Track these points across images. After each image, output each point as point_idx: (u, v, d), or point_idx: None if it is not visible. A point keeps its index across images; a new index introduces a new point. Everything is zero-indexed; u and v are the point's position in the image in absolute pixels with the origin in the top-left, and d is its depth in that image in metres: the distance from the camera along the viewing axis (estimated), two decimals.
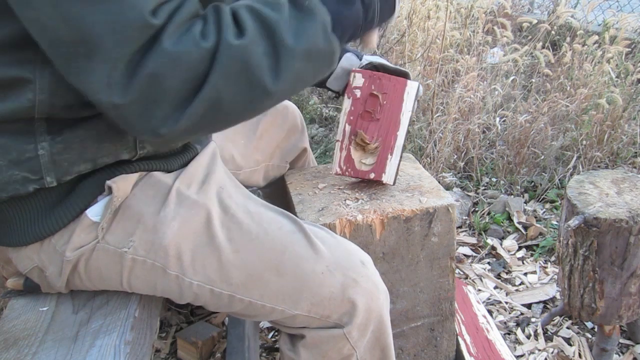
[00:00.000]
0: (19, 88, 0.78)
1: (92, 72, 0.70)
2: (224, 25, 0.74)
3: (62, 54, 0.71)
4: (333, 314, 0.95)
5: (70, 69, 0.72)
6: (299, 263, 0.93)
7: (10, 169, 0.82)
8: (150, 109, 0.72)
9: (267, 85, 0.76)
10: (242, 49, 0.73)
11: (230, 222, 0.93)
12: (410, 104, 1.26)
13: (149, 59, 0.70)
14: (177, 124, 0.74)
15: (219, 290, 0.93)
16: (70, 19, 0.68)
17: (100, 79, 0.70)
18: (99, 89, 0.70)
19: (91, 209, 0.89)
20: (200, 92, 0.73)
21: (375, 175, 1.27)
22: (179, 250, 0.90)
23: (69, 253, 0.89)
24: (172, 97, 0.72)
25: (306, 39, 0.77)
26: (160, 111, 0.73)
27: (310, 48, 0.78)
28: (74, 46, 0.69)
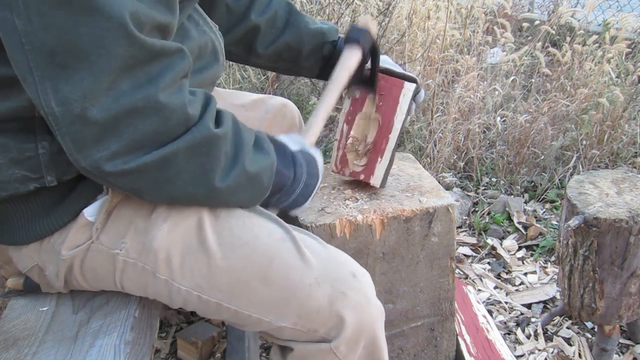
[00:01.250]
0: (19, 87, 0.77)
1: (65, 81, 0.69)
2: (208, 109, 0.81)
3: (31, 61, 0.69)
4: (320, 327, 0.92)
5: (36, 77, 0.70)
6: (287, 272, 0.91)
7: (10, 167, 0.82)
8: (112, 138, 0.72)
9: (215, 179, 0.82)
10: (215, 137, 0.80)
11: (221, 226, 0.92)
12: (406, 107, 1.23)
13: (140, 94, 0.72)
14: (124, 165, 0.74)
15: (206, 297, 0.91)
16: (51, 27, 0.67)
17: (78, 88, 0.69)
18: (73, 98, 0.69)
19: (88, 208, 0.89)
20: (162, 148, 0.76)
21: (364, 177, 1.28)
22: (169, 254, 0.89)
23: (64, 252, 0.89)
24: (136, 139, 0.73)
25: (258, 167, 0.87)
26: (117, 146, 0.73)
27: (257, 175, 0.88)
28: (51, 55, 0.68)
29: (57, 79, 0.69)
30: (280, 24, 1.25)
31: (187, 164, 0.78)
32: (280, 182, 0.94)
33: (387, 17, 2.94)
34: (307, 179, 0.98)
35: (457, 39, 2.84)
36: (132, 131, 0.73)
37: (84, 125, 0.71)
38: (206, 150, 0.80)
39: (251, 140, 0.88)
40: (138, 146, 0.74)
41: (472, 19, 2.92)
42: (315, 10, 3.10)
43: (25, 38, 0.68)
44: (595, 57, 2.53)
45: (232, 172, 0.84)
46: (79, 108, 0.70)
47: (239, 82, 2.83)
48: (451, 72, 2.80)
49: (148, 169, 0.76)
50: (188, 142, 0.77)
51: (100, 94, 0.70)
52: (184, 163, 0.78)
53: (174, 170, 0.78)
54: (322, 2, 3.11)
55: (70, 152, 0.74)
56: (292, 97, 2.86)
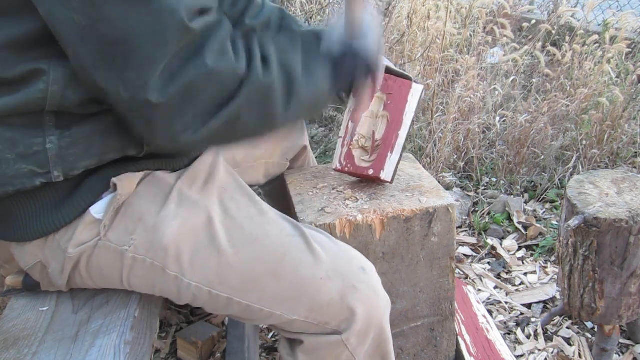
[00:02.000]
0: (33, 79, 0.79)
1: (127, 70, 0.74)
2: (254, 57, 0.84)
3: (93, 53, 0.74)
4: (331, 320, 0.95)
5: (100, 68, 0.75)
6: (298, 268, 0.93)
7: (17, 162, 0.82)
8: (178, 115, 0.78)
9: (277, 119, 0.87)
10: (267, 85, 0.84)
11: (231, 223, 0.93)
12: (414, 106, 1.27)
13: (190, 68, 0.76)
14: (196, 134, 0.80)
15: (216, 292, 0.93)
16: (108, 19, 0.71)
17: (138, 76, 0.74)
18: (135, 85, 0.74)
19: (95, 206, 0.89)
20: (223, 110, 0.80)
21: (374, 171, 1.27)
22: (179, 251, 0.90)
23: (72, 249, 0.89)
24: (199, 108, 0.79)
25: (311, 92, 0.90)
26: (185, 119, 0.79)
27: (311, 100, 0.91)
28: (110, 46, 0.73)
29: (121, 67, 0.74)
30: (274, 26, 1.27)
31: (249, 114, 0.84)
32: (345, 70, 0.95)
33: (387, 17, 2.94)
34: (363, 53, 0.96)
35: (457, 39, 2.84)
36: (195, 103, 0.78)
37: (151, 109, 0.76)
38: (263, 97, 0.84)
39: (298, 67, 0.89)
40: (203, 114, 0.80)
41: (472, 18, 2.92)
42: (315, 10, 3.10)
43: (84, 32, 0.72)
44: (595, 57, 2.53)
45: (290, 107, 0.88)
46: (142, 94, 0.75)
47: None
48: (451, 72, 2.80)
49: (217, 131, 0.82)
50: (244, 97, 0.82)
51: (157, 78, 0.75)
52: (247, 115, 0.83)
53: (240, 124, 0.84)
54: (322, 2, 3.11)
55: (145, 133, 0.82)
56: None
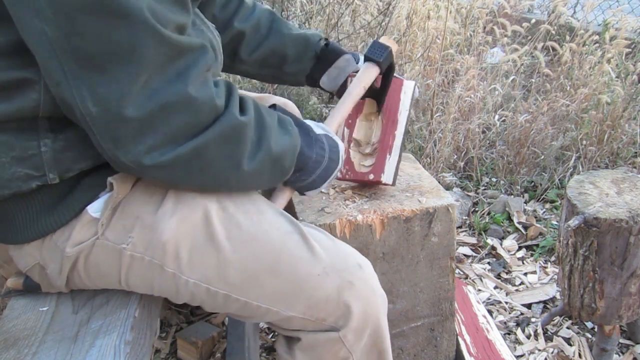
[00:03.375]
0: (24, 88, 0.79)
1: (105, 83, 0.73)
2: (232, 98, 0.85)
3: (65, 65, 0.73)
4: (328, 317, 0.95)
5: (70, 81, 0.73)
6: (296, 264, 0.93)
7: (13, 165, 0.83)
8: (148, 134, 0.77)
9: (243, 163, 0.86)
10: (241, 125, 0.84)
11: (228, 220, 0.93)
12: (408, 103, 1.25)
13: (172, 89, 0.76)
14: (161, 157, 0.78)
15: (214, 289, 0.93)
16: (84, 34, 0.71)
17: (114, 90, 0.73)
18: (109, 99, 0.73)
19: (92, 205, 0.90)
20: (194, 139, 0.80)
21: (374, 176, 1.26)
22: (177, 248, 0.90)
23: (69, 249, 0.89)
24: (171, 131, 0.78)
25: (281, 148, 0.91)
26: (154, 140, 0.77)
27: (280, 156, 0.91)
28: (86, 59, 0.72)
29: (93, 81, 0.73)
30: (264, 30, 1.28)
31: (217, 152, 0.83)
32: (302, 161, 0.97)
33: (387, 17, 2.94)
34: (327, 162, 1.01)
35: (457, 39, 2.84)
36: (167, 125, 0.77)
37: (121, 123, 0.75)
38: (234, 138, 0.84)
39: (274, 123, 0.91)
40: (173, 139, 0.78)
41: (472, 18, 2.92)
42: (315, 10, 3.10)
43: (56, 44, 0.72)
44: (595, 57, 2.53)
45: (257, 156, 0.87)
46: (115, 108, 0.74)
47: (239, 82, 2.83)
48: (451, 72, 2.80)
49: (183, 160, 0.80)
50: (217, 131, 0.81)
51: (135, 92, 0.74)
52: (215, 152, 0.82)
53: (206, 159, 0.82)
54: (322, 2, 3.11)
55: (109, 149, 0.78)
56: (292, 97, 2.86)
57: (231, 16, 1.26)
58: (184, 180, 0.85)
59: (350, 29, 3.05)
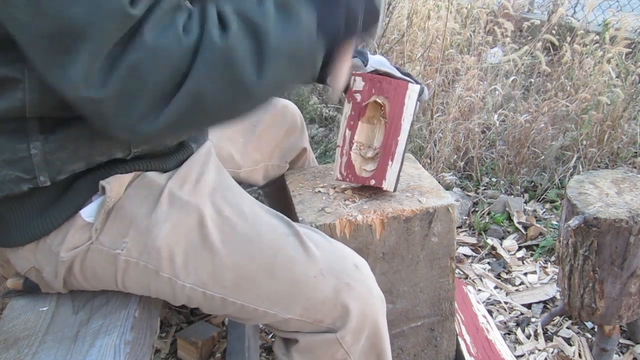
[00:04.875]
0: (9, 88, 0.77)
1: (70, 66, 0.68)
2: (208, 22, 0.73)
3: (40, 51, 0.69)
4: (326, 318, 0.94)
5: (48, 67, 0.70)
6: (292, 266, 0.92)
7: (3, 168, 0.82)
8: (130, 104, 0.70)
9: (249, 82, 0.74)
10: (225, 46, 0.72)
11: (223, 223, 0.92)
12: (412, 108, 1.23)
13: (129, 51, 0.68)
14: (158, 120, 0.71)
15: (211, 293, 0.92)
16: (47, 12, 0.66)
17: (78, 72, 0.67)
18: (77, 84, 0.68)
19: (85, 210, 0.89)
20: (181, 88, 0.71)
21: (375, 182, 1.25)
22: (171, 252, 0.90)
23: (63, 254, 0.89)
24: (152, 91, 0.70)
25: (290, 41, 0.76)
26: (140, 106, 0.70)
27: (294, 49, 0.76)
28: (52, 41, 0.67)
29: (64, 65, 0.68)
30: None
31: (213, 87, 0.72)
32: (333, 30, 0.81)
33: (387, 17, 2.94)
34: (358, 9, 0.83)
35: (458, 39, 2.84)
36: (144, 86, 0.69)
37: (97, 104, 0.69)
38: (225, 63, 0.72)
39: (269, 17, 0.75)
40: (157, 98, 0.71)
41: (472, 18, 2.92)
42: None
43: (29, 29, 0.67)
44: (595, 57, 2.53)
45: (264, 64, 0.74)
46: (84, 92, 0.68)
47: None
48: (451, 72, 2.80)
49: (182, 112, 0.72)
50: (200, 69, 0.71)
51: (95, 71, 0.68)
52: (210, 89, 0.72)
53: (206, 100, 0.73)
54: None
55: (104, 129, 0.73)
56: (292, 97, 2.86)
57: None
58: (197, 126, 0.78)
59: None
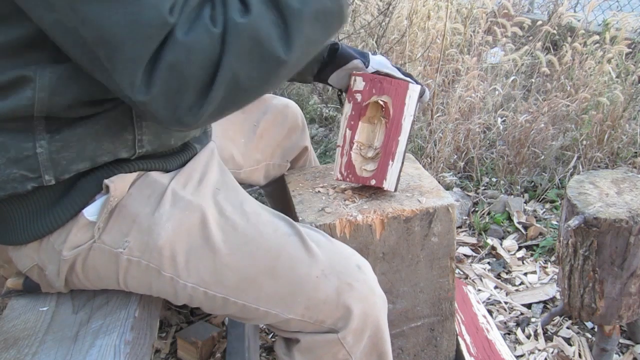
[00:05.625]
0: (19, 87, 0.78)
1: (115, 72, 0.71)
2: (230, 7, 0.75)
3: (85, 55, 0.72)
4: (327, 318, 0.94)
5: (95, 69, 0.73)
6: (294, 266, 0.92)
7: (8, 167, 0.82)
8: (175, 100, 0.74)
9: (280, 55, 0.76)
10: (249, 26, 0.74)
11: (225, 223, 0.93)
12: (413, 108, 1.23)
13: (165, 52, 0.72)
14: (202, 110, 0.75)
15: (212, 292, 0.92)
16: (89, 20, 0.69)
17: (123, 78, 0.71)
18: (124, 87, 0.72)
19: (88, 208, 0.89)
20: (217, 76, 0.74)
21: (376, 181, 1.25)
22: (173, 252, 0.90)
23: (66, 252, 0.89)
24: (192, 85, 0.74)
25: (312, 1, 0.77)
26: (185, 100, 0.74)
27: (317, 8, 0.78)
28: (96, 47, 0.71)
29: (109, 69, 0.72)
30: None
31: (247, 68, 0.76)
32: None
33: (387, 17, 2.94)
34: None
35: (458, 39, 2.84)
36: (185, 81, 0.73)
37: (146, 106, 0.74)
38: (253, 43, 0.75)
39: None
40: (197, 89, 0.74)
41: (472, 18, 2.92)
42: None
43: (74, 35, 0.71)
44: (595, 57, 2.53)
45: (290, 32, 0.77)
46: (131, 96, 0.72)
47: None
48: (451, 72, 2.80)
49: (223, 98, 0.76)
50: (231, 52, 0.74)
51: (142, 74, 0.71)
52: (244, 69, 0.75)
53: (242, 80, 0.76)
54: None
55: (159, 124, 0.81)
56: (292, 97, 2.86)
57: None
58: (243, 102, 0.80)
59: (350, 29, 3.05)
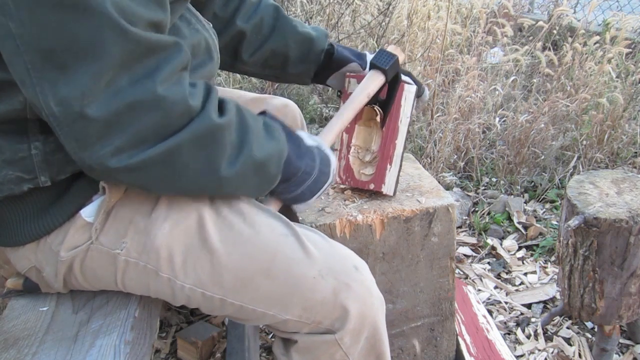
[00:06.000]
0: (11, 91, 0.78)
1: (67, 81, 0.70)
2: (210, 100, 0.80)
3: (29, 62, 0.70)
4: (325, 319, 0.94)
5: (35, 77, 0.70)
6: (291, 267, 0.92)
7: (4, 168, 0.82)
8: (114, 135, 0.73)
9: (220, 169, 0.82)
10: (218, 127, 0.80)
11: (222, 224, 0.92)
12: (409, 110, 1.21)
13: (138, 88, 0.72)
14: (129, 160, 0.74)
15: (210, 293, 0.92)
16: (48, 27, 0.68)
17: (76, 87, 0.69)
18: (70, 98, 0.70)
19: (85, 209, 0.89)
20: (165, 141, 0.76)
21: (375, 186, 1.25)
22: (171, 253, 0.90)
23: (63, 253, 0.89)
24: (139, 133, 0.74)
25: (265, 153, 0.87)
26: (121, 141, 0.73)
27: (264, 162, 0.87)
28: (50, 55, 0.69)
29: (55, 79, 0.70)
30: (266, 30, 1.24)
31: (192, 155, 0.79)
32: (290, 172, 0.94)
33: (387, 17, 2.94)
34: (317, 174, 0.98)
35: (458, 39, 2.84)
36: (135, 125, 0.73)
37: (85, 122, 0.71)
38: (210, 140, 0.80)
39: (258, 126, 0.88)
40: (141, 140, 0.74)
41: (472, 18, 2.92)
42: (315, 10, 3.11)
43: (20, 40, 0.69)
44: (595, 57, 2.53)
45: (238, 160, 0.84)
46: (78, 107, 0.70)
47: (239, 82, 2.84)
48: (451, 72, 2.80)
49: (153, 163, 0.76)
50: (191, 133, 0.77)
51: (99, 91, 0.71)
52: (189, 155, 0.78)
53: (179, 163, 0.78)
54: (322, 2, 3.11)
55: (74, 152, 0.74)
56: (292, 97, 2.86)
57: (233, 14, 1.22)
58: (157, 185, 0.81)
59: (350, 29, 3.05)
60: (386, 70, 1.16)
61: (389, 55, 1.17)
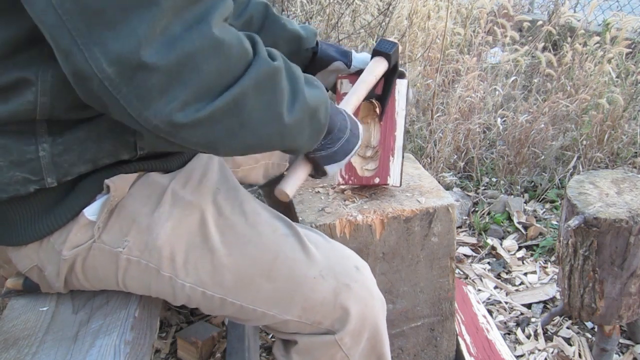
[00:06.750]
0: (21, 90, 0.78)
1: (118, 37, 0.65)
2: (258, 44, 0.77)
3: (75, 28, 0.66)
4: (325, 320, 0.94)
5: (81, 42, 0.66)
6: (291, 267, 0.92)
7: (11, 169, 0.82)
8: (177, 87, 0.68)
9: (283, 114, 0.78)
10: (276, 70, 0.77)
11: (224, 224, 0.92)
12: (404, 103, 1.24)
13: (194, 35, 0.68)
14: (197, 114, 0.70)
15: (210, 293, 0.92)
16: None
17: (131, 38, 0.65)
18: (126, 50, 0.65)
19: (88, 208, 0.89)
20: (230, 89, 0.72)
21: (380, 179, 1.25)
22: (172, 252, 0.90)
23: (66, 252, 0.89)
24: (203, 82, 0.70)
25: (315, 100, 0.84)
26: (186, 94, 0.69)
27: (316, 109, 0.85)
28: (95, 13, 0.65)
29: (104, 40, 0.66)
30: (255, 27, 1.22)
31: (256, 102, 0.75)
32: (330, 124, 0.92)
33: (387, 17, 2.94)
34: (349, 135, 0.96)
35: (458, 39, 2.84)
36: (197, 75, 0.69)
37: (144, 74, 0.67)
38: (271, 84, 0.77)
39: (301, 75, 0.85)
40: (206, 91, 0.70)
41: (472, 18, 2.92)
42: (315, 10, 3.10)
43: (61, 9, 0.65)
44: (595, 57, 2.53)
45: (294, 107, 0.80)
46: (135, 58, 0.66)
47: None
48: (451, 72, 2.80)
49: (221, 115, 0.72)
50: (253, 78, 0.74)
51: (155, 39, 0.66)
52: (253, 101, 0.75)
53: (245, 112, 0.74)
54: (322, 2, 3.11)
55: (138, 112, 0.69)
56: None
57: None
58: (224, 140, 0.75)
59: (350, 29, 3.05)
60: (390, 55, 1.18)
61: (391, 43, 1.19)
